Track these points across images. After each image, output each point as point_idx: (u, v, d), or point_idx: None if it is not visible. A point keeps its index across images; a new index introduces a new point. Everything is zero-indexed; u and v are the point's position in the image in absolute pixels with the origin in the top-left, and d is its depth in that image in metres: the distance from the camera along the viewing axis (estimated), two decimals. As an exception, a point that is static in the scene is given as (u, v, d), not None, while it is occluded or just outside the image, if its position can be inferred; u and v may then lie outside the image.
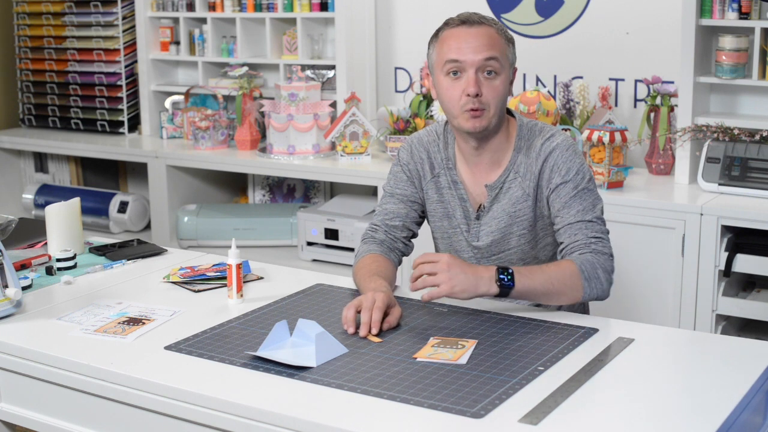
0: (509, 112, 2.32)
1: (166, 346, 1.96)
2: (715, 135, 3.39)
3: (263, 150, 4.27)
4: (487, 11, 4.02)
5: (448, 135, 2.34)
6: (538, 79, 4.01)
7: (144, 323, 2.09)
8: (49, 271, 2.47)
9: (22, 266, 2.49)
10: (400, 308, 2.07)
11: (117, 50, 4.75)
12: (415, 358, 1.87)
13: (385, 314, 2.02)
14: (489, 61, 2.16)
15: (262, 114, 4.32)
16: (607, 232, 2.22)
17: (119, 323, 2.09)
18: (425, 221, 2.42)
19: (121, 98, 4.80)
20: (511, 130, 2.28)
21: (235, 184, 4.83)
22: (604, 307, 3.12)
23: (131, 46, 4.77)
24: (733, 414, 1.63)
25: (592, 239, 2.16)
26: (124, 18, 4.73)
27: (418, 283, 2.04)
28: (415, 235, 2.41)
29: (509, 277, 2.02)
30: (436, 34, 2.26)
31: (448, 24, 2.24)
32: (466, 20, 2.21)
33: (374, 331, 1.98)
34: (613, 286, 2.18)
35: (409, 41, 4.28)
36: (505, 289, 2.02)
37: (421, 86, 4.07)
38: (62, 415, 1.99)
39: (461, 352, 1.88)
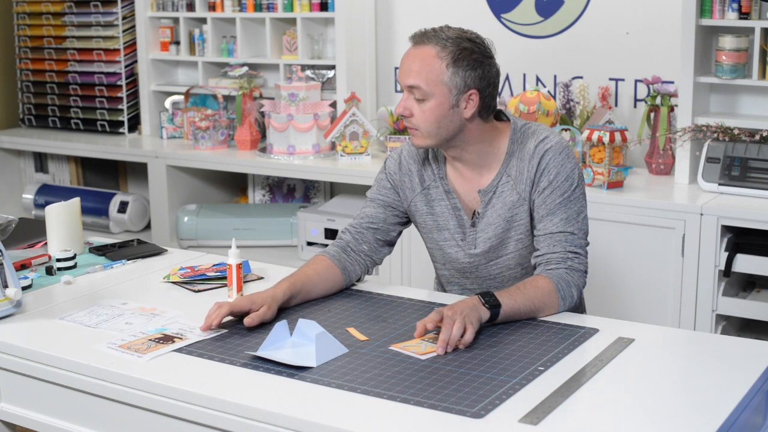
0: (503, 115, 2.29)
1: (166, 346, 1.96)
2: (715, 135, 3.39)
3: (263, 150, 4.27)
4: (487, 11, 4.02)
5: None
6: (538, 79, 4.00)
7: (174, 341, 1.97)
8: (49, 271, 2.47)
9: (22, 266, 2.49)
10: (274, 310, 2.08)
11: (117, 50, 4.75)
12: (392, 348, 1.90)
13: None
14: (411, 89, 2.17)
15: (262, 114, 4.32)
16: (587, 245, 2.22)
17: (150, 340, 1.98)
18: (406, 232, 2.38)
19: (121, 98, 4.80)
20: (501, 134, 2.25)
21: (235, 184, 4.82)
22: (604, 307, 3.12)
23: (131, 46, 4.77)
24: (733, 414, 1.63)
25: (569, 253, 2.16)
26: (124, 18, 4.72)
27: (445, 347, 1.92)
28: (391, 243, 2.37)
29: (493, 298, 2.02)
30: None
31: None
32: (413, 38, 2.21)
33: (215, 324, 2.01)
34: (614, 285, 2.18)
35: (409, 41, 4.26)
36: (495, 310, 2.00)
37: (421, 86, 4.06)
38: (62, 415, 1.99)
39: (433, 350, 1.89)
